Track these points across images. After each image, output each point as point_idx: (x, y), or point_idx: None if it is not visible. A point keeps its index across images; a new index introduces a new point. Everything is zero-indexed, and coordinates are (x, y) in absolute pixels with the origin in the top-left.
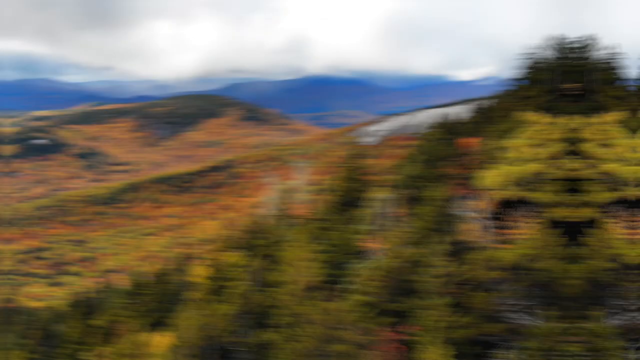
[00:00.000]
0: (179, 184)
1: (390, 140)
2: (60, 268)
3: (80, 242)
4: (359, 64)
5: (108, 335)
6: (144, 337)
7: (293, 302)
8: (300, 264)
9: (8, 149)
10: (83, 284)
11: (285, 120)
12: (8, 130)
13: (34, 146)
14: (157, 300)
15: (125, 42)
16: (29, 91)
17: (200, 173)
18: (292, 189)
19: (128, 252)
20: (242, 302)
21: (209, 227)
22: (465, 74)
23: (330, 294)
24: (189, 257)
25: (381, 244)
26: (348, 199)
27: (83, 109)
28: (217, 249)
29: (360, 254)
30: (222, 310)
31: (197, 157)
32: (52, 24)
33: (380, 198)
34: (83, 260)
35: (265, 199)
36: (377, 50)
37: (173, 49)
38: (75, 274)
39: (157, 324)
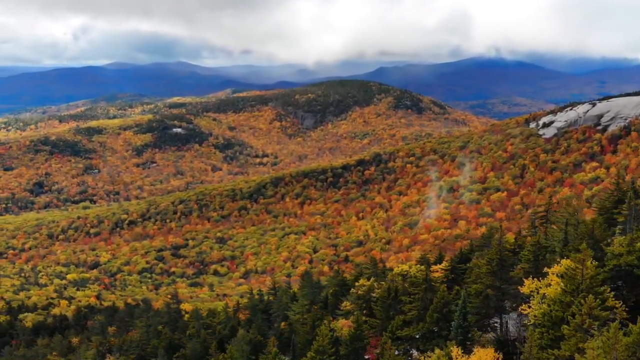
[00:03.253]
0: (325, 179)
1: (570, 133)
2: (200, 267)
3: (221, 240)
4: (527, 45)
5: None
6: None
7: None
8: None
9: (142, 138)
10: (227, 284)
11: (442, 108)
12: (142, 117)
13: (170, 135)
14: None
15: (266, 23)
16: (164, 76)
17: (348, 167)
18: (456, 186)
19: (272, 251)
20: None
21: (360, 227)
22: None
23: None
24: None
25: None
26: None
27: (221, 96)
28: None
29: None
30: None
31: (344, 149)
32: (187, 4)
33: None
34: (224, 259)
35: (424, 197)
36: (548, 29)
37: (316, 31)
38: (217, 273)
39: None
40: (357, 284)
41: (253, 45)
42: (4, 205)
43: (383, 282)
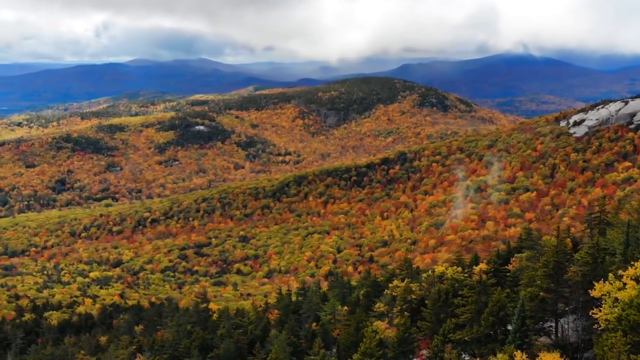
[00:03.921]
0: (349, 178)
1: (601, 132)
2: (223, 266)
3: (243, 239)
4: (556, 41)
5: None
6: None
7: None
8: None
9: (165, 136)
10: (250, 284)
11: (468, 106)
12: (164, 115)
13: (192, 133)
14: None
15: (288, 20)
16: (186, 73)
17: (372, 166)
18: (483, 186)
19: (295, 251)
20: None
21: (385, 227)
22: None
23: None
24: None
25: None
26: None
27: (244, 93)
28: None
29: None
30: None
31: (368, 148)
32: (209, 0)
33: None
34: (247, 258)
35: (451, 197)
36: (577, 25)
37: (340, 27)
38: (240, 272)
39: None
40: (390, 285)
41: (275, 42)
42: (26, 203)
43: (418, 284)
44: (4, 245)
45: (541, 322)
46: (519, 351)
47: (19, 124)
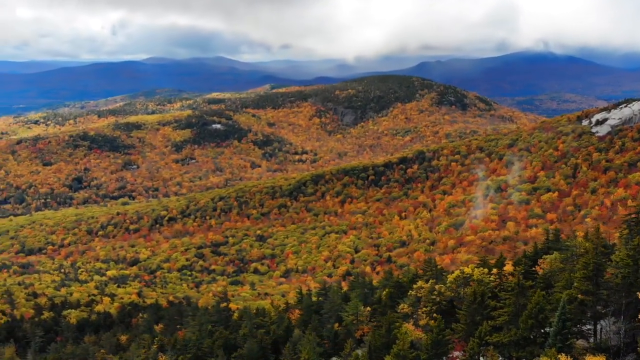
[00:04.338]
0: (366, 177)
1: (625, 131)
2: (240, 265)
3: (260, 238)
4: (577, 39)
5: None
6: None
7: None
8: None
9: (182, 134)
10: (267, 283)
11: (488, 104)
12: (181, 113)
13: (209, 131)
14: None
15: (305, 17)
16: (202, 71)
17: (389, 165)
18: (504, 186)
19: (312, 250)
20: None
21: (403, 227)
22: None
23: None
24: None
25: None
26: None
27: (260, 91)
28: None
29: None
30: None
31: (385, 147)
32: None
33: None
34: (264, 257)
35: (470, 197)
36: (599, 22)
37: (357, 25)
38: (258, 272)
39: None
40: (414, 286)
41: (292, 39)
42: (43, 201)
43: (443, 285)
44: (21, 243)
45: (579, 325)
46: (562, 354)
47: (36, 122)
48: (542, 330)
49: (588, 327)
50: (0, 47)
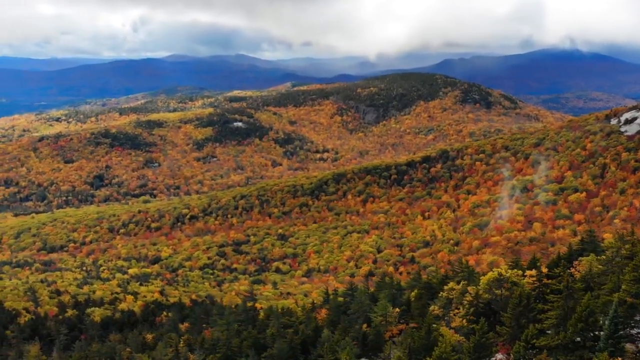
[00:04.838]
0: (389, 176)
1: None
2: (262, 264)
3: (282, 237)
4: (604, 36)
5: None
6: None
7: None
8: None
9: (203, 132)
10: (289, 283)
11: (513, 102)
12: (203, 111)
13: (230, 129)
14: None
15: (326, 14)
16: (223, 69)
17: (412, 164)
18: (530, 186)
19: (334, 250)
20: None
21: (426, 227)
22: None
23: None
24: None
25: None
26: None
27: (281, 89)
28: None
29: None
30: None
31: (407, 145)
32: None
33: None
34: (286, 256)
35: (495, 197)
36: (627, 19)
37: (379, 21)
38: (279, 271)
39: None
40: (445, 287)
41: (313, 37)
42: (64, 198)
43: (476, 287)
44: (43, 241)
45: (627, 329)
46: (614, 358)
47: (58, 119)
48: (592, 334)
49: (636, 330)
50: (22, 44)
